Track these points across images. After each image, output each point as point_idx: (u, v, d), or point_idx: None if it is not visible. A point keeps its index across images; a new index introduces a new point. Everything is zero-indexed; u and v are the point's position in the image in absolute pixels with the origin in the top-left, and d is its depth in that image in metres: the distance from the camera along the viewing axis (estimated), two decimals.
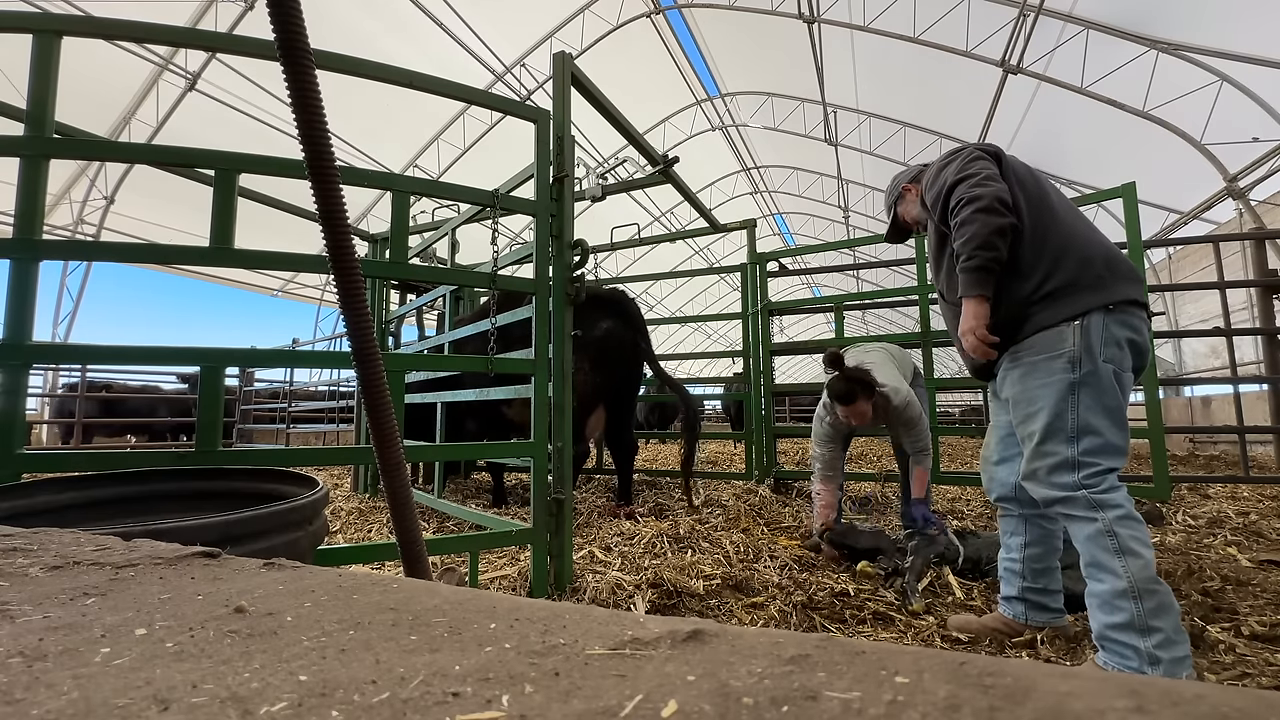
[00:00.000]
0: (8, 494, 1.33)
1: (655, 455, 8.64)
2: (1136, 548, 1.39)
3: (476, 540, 2.10)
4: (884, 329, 25.38)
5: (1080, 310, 1.50)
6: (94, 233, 9.66)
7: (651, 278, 6.13)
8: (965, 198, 1.55)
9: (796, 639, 0.44)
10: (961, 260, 1.56)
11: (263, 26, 0.91)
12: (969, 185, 1.56)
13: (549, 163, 2.31)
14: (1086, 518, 1.45)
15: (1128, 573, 1.37)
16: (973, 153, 1.67)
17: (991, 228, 1.50)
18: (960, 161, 1.65)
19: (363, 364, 0.94)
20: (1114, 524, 1.41)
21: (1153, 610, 1.34)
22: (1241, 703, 0.31)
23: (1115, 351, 1.49)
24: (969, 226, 1.53)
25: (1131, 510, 1.44)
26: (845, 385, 2.68)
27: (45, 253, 1.69)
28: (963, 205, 1.55)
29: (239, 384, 9.12)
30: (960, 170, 1.61)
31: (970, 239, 1.52)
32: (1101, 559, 1.42)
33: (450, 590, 0.59)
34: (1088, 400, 1.48)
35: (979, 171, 1.58)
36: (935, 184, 1.70)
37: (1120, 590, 1.38)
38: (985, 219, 1.51)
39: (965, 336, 1.57)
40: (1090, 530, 1.44)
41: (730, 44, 12.03)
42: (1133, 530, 1.41)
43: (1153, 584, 1.36)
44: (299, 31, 0.83)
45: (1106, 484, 1.45)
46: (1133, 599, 1.36)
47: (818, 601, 2.06)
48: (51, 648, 0.45)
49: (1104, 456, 1.47)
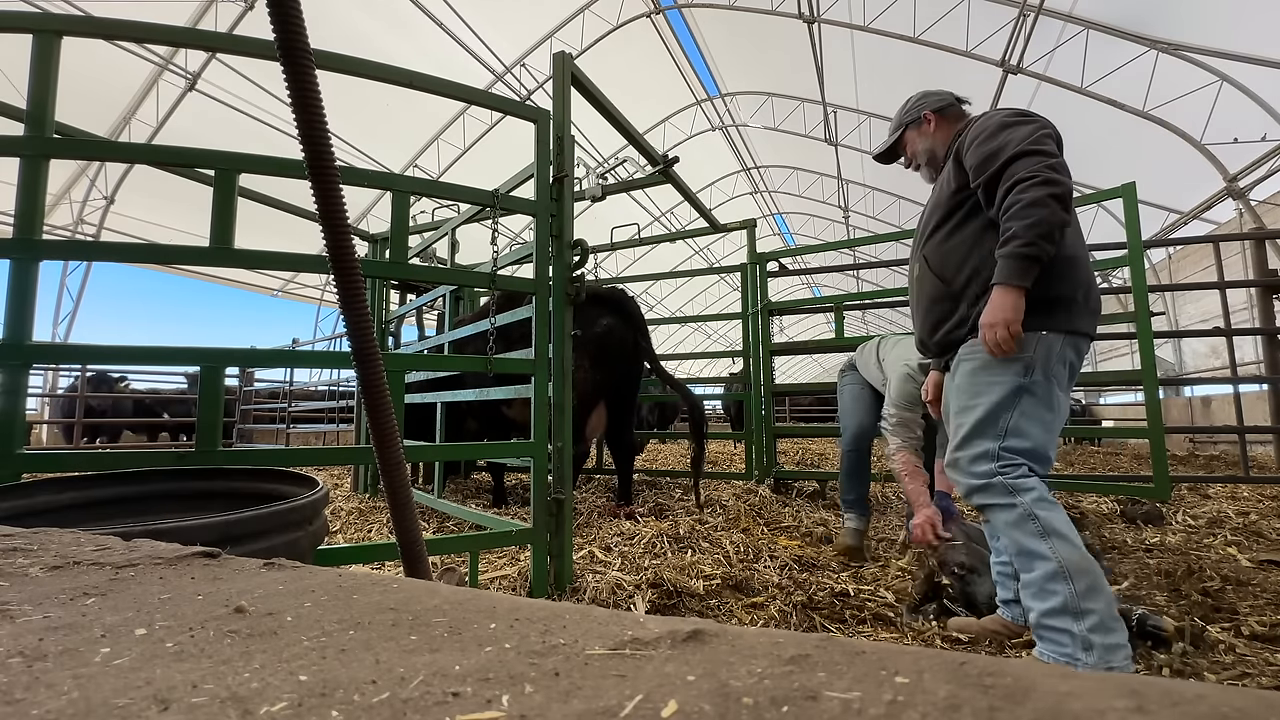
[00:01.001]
0: (8, 494, 1.33)
1: (655, 455, 8.64)
2: (1061, 529, 1.38)
3: (476, 540, 2.10)
4: (884, 329, 25.37)
5: (1055, 327, 1.48)
6: (94, 233, 9.66)
7: (651, 278, 6.13)
8: (1042, 176, 1.39)
9: (796, 639, 0.44)
10: (1017, 243, 1.39)
11: (263, 26, 0.91)
12: (1047, 163, 1.40)
13: (549, 163, 2.31)
14: (1005, 504, 1.45)
15: (1055, 554, 1.36)
16: (1048, 127, 1.49)
17: (1059, 221, 1.37)
18: (1034, 130, 1.46)
19: (363, 364, 0.94)
20: (1033, 506, 1.41)
21: (1085, 591, 1.33)
22: (1241, 703, 0.31)
23: (1060, 370, 1.50)
24: (1039, 210, 1.37)
25: (1046, 494, 1.43)
26: None
27: (45, 253, 1.69)
28: (1037, 184, 1.38)
29: (239, 384, 9.13)
30: (1034, 140, 1.43)
31: (1037, 224, 1.36)
32: (1028, 544, 1.41)
33: (450, 590, 0.59)
34: (1027, 407, 1.48)
35: (1055, 154, 1.42)
36: (993, 140, 1.50)
37: (1051, 572, 1.36)
38: (1056, 210, 1.37)
39: (993, 328, 1.43)
40: (1011, 516, 1.43)
41: (730, 44, 12.03)
42: (1052, 512, 1.40)
43: (1084, 563, 1.35)
44: (299, 31, 0.83)
45: (1021, 471, 1.46)
46: (1064, 580, 1.34)
47: (818, 601, 2.06)
48: (51, 648, 0.45)
49: (1025, 456, 1.47)
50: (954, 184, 1.63)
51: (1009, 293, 1.41)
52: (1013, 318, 1.41)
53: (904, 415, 2.62)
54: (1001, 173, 1.46)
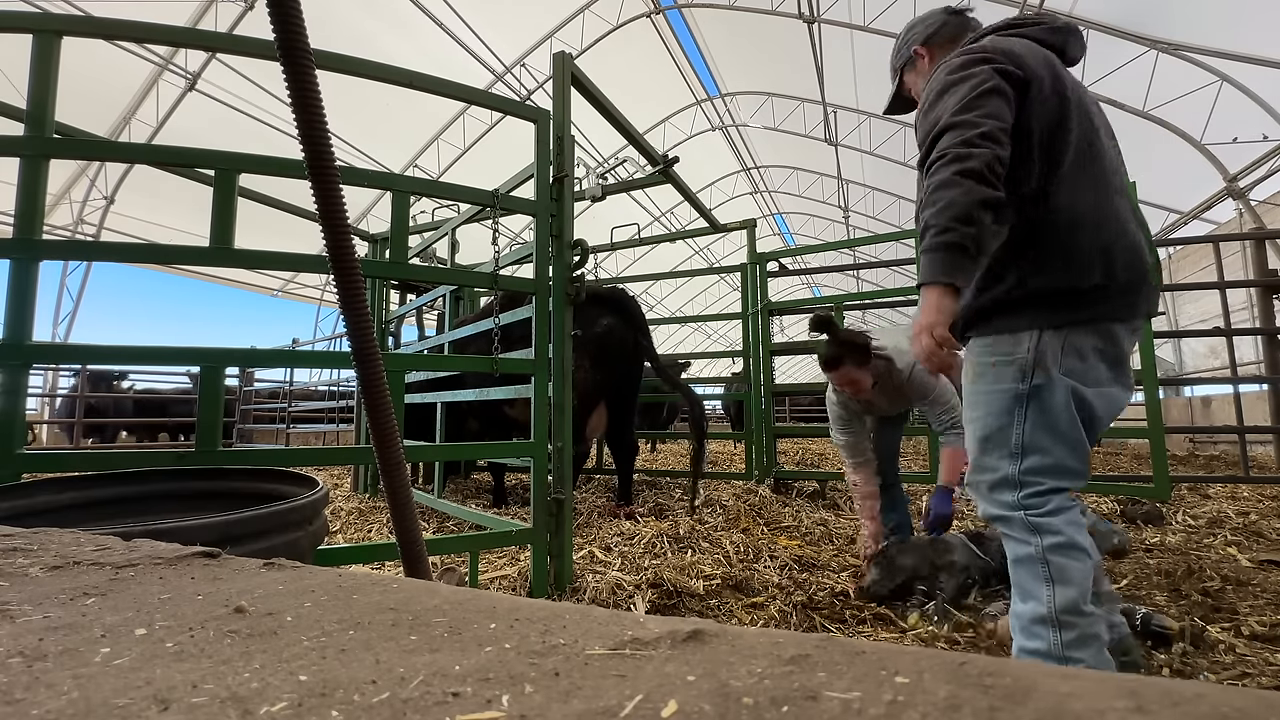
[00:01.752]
0: (8, 494, 1.33)
1: (655, 455, 8.64)
2: (1071, 578, 1.25)
3: (476, 540, 2.10)
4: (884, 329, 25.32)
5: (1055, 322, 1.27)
6: (94, 233, 9.66)
7: (651, 278, 6.13)
8: (950, 154, 1.19)
9: (796, 639, 0.44)
10: (930, 235, 1.19)
11: (263, 26, 0.91)
12: (961, 137, 1.19)
13: (549, 163, 2.31)
14: (1021, 539, 1.31)
15: (1051, 602, 1.25)
16: (987, 77, 1.24)
17: (977, 198, 1.15)
18: (968, 91, 1.23)
19: (363, 364, 0.94)
20: (1048, 553, 1.26)
21: (1071, 642, 1.23)
22: (1241, 703, 0.31)
23: (1076, 364, 1.27)
24: (945, 191, 1.17)
25: (1073, 538, 1.27)
26: (829, 348, 2.34)
27: (45, 253, 1.69)
28: (943, 163, 1.19)
29: (239, 384, 9.13)
30: (961, 108, 1.22)
31: (946, 206, 1.16)
32: (1027, 584, 1.30)
33: (450, 590, 0.59)
34: (1036, 416, 1.28)
35: (983, 119, 1.20)
36: (931, 111, 1.30)
37: (1040, 616, 1.26)
38: (970, 186, 1.16)
39: (917, 338, 1.23)
40: (1022, 553, 1.30)
41: (730, 44, 12.03)
42: (1068, 559, 1.26)
43: (1078, 615, 1.24)
44: (299, 31, 0.83)
45: (1050, 505, 1.28)
46: (1052, 628, 1.25)
47: (818, 601, 2.06)
48: (51, 648, 0.45)
49: (1050, 476, 1.29)
50: None
51: (930, 292, 1.20)
52: (934, 320, 1.18)
53: (840, 438, 2.57)
54: (927, 155, 1.27)
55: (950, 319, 1.18)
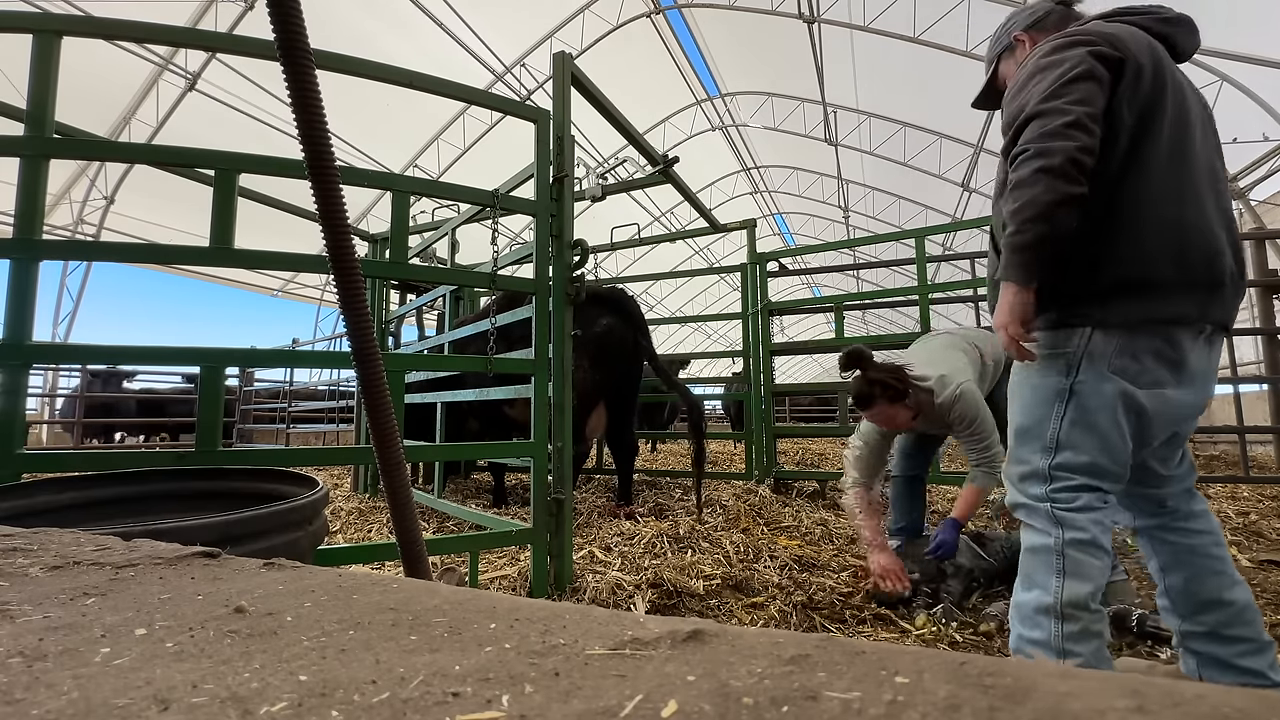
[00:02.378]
0: (8, 494, 1.33)
1: (655, 455, 8.64)
2: (1085, 573, 1.21)
3: (476, 540, 2.10)
4: (884, 329, 25.39)
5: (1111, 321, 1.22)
6: (94, 233, 9.67)
7: (651, 278, 6.13)
8: (1032, 149, 1.16)
9: (796, 639, 0.44)
10: (1008, 234, 1.19)
11: (263, 26, 0.91)
12: (1044, 128, 1.15)
13: (549, 163, 2.31)
14: (1041, 530, 1.27)
15: (1059, 593, 1.21)
16: (1080, 60, 1.18)
17: (1055, 197, 1.13)
18: (1059, 76, 1.18)
19: (363, 364, 0.94)
20: (1067, 546, 1.22)
21: (1073, 635, 1.20)
22: (1241, 703, 0.31)
23: (1128, 363, 1.22)
24: (1024, 190, 1.16)
25: (1097, 537, 1.22)
26: (860, 384, 2.23)
27: (45, 253, 1.69)
28: (1025, 159, 1.17)
29: (239, 384, 9.12)
30: (1049, 94, 1.17)
31: (1023, 206, 1.15)
32: (1037, 574, 1.26)
33: (450, 590, 0.59)
34: (1075, 414, 1.25)
35: (1072, 106, 1.14)
36: (1019, 97, 1.26)
37: (1044, 606, 1.22)
38: (1049, 183, 1.13)
39: (999, 332, 1.26)
40: (1039, 543, 1.27)
41: (730, 44, 12.03)
42: (1087, 555, 1.21)
43: (1080, 610, 1.20)
44: (299, 31, 0.83)
45: (1079, 502, 1.25)
46: (1054, 618, 1.21)
47: (818, 601, 2.06)
48: (51, 648, 0.45)
49: (1082, 473, 1.26)
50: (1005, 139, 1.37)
51: (1006, 291, 1.22)
52: (1009, 319, 1.21)
53: (863, 450, 2.37)
54: (1012, 144, 1.24)
55: (1026, 316, 1.21)
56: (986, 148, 11.45)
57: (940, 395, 2.18)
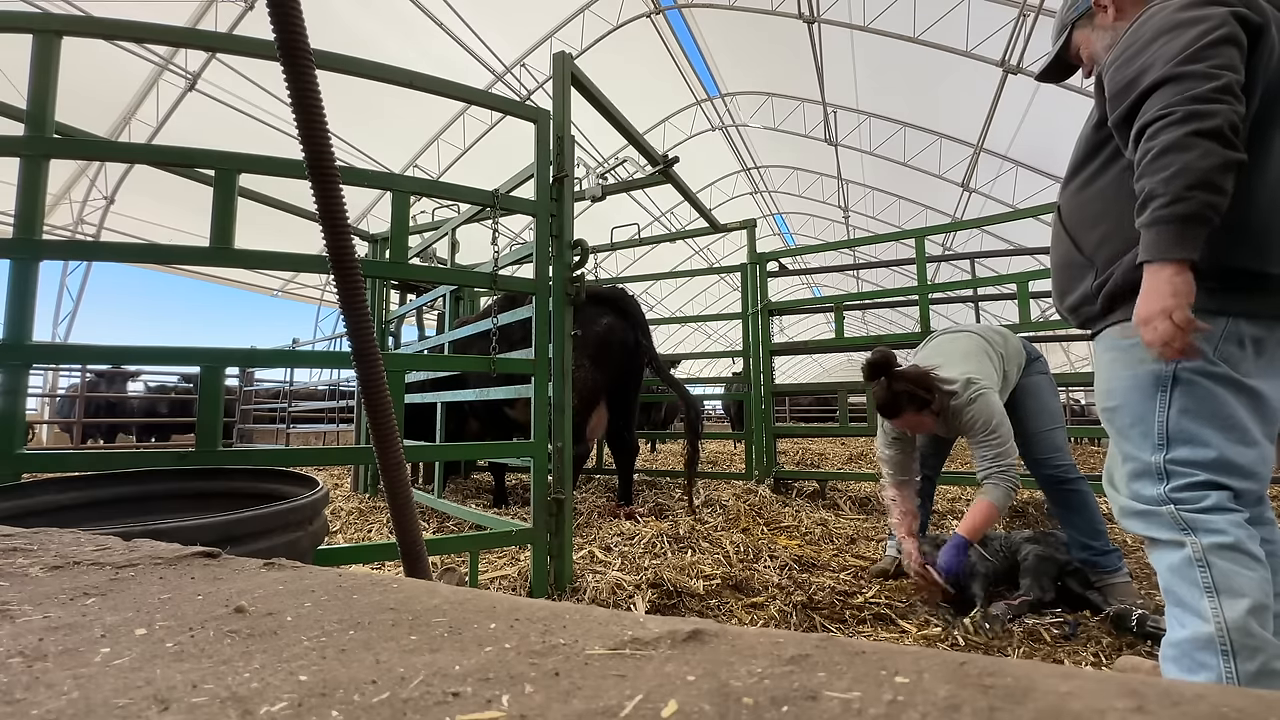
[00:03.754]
0: (8, 494, 1.33)
1: (655, 455, 8.64)
2: (1241, 587, 1.01)
3: (476, 540, 2.10)
4: (884, 329, 25.39)
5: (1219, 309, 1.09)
6: (94, 233, 9.67)
7: (651, 278, 6.13)
8: (1179, 113, 1.01)
9: (796, 639, 0.44)
10: (1157, 204, 1.02)
11: (263, 26, 0.91)
12: (1190, 91, 1.01)
13: (549, 163, 2.31)
14: (1169, 540, 1.09)
15: (1218, 617, 1.00)
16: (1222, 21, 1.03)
17: (1216, 162, 0.98)
18: (1197, 36, 1.03)
19: (363, 364, 0.94)
20: (1208, 552, 1.04)
21: (1254, 675, 0.98)
22: (1241, 703, 0.31)
23: (1234, 350, 1.09)
24: (1177, 155, 1.00)
25: (1242, 542, 1.03)
26: (887, 392, 2.15)
27: (45, 253, 1.69)
28: (1172, 123, 1.01)
29: (239, 384, 9.13)
30: (1188, 56, 1.02)
31: (1179, 173, 0.99)
32: (1184, 595, 1.06)
33: (450, 590, 0.59)
34: (1183, 402, 1.10)
35: (1218, 70, 1.01)
36: (1137, 59, 1.10)
37: (1204, 639, 1.01)
38: (1208, 147, 0.98)
39: (1149, 325, 1.04)
40: (1174, 559, 1.08)
41: (730, 44, 12.04)
42: (1236, 564, 1.02)
43: (1255, 637, 0.99)
44: (299, 31, 0.83)
45: (1209, 501, 1.07)
46: (1222, 656, 0.99)
47: (818, 601, 2.06)
48: (51, 648, 0.45)
49: (1207, 469, 1.08)
50: (1095, 114, 1.24)
51: (1160, 271, 1.02)
52: (1172, 304, 1.00)
53: (883, 451, 2.35)
54: (1133, 112, 1.08)
55: (1190, 299, 1.01)
56: (986, 148, 11.46)
57: (960, 396, 2.12)
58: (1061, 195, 1.36)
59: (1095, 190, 1.26)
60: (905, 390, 2.13)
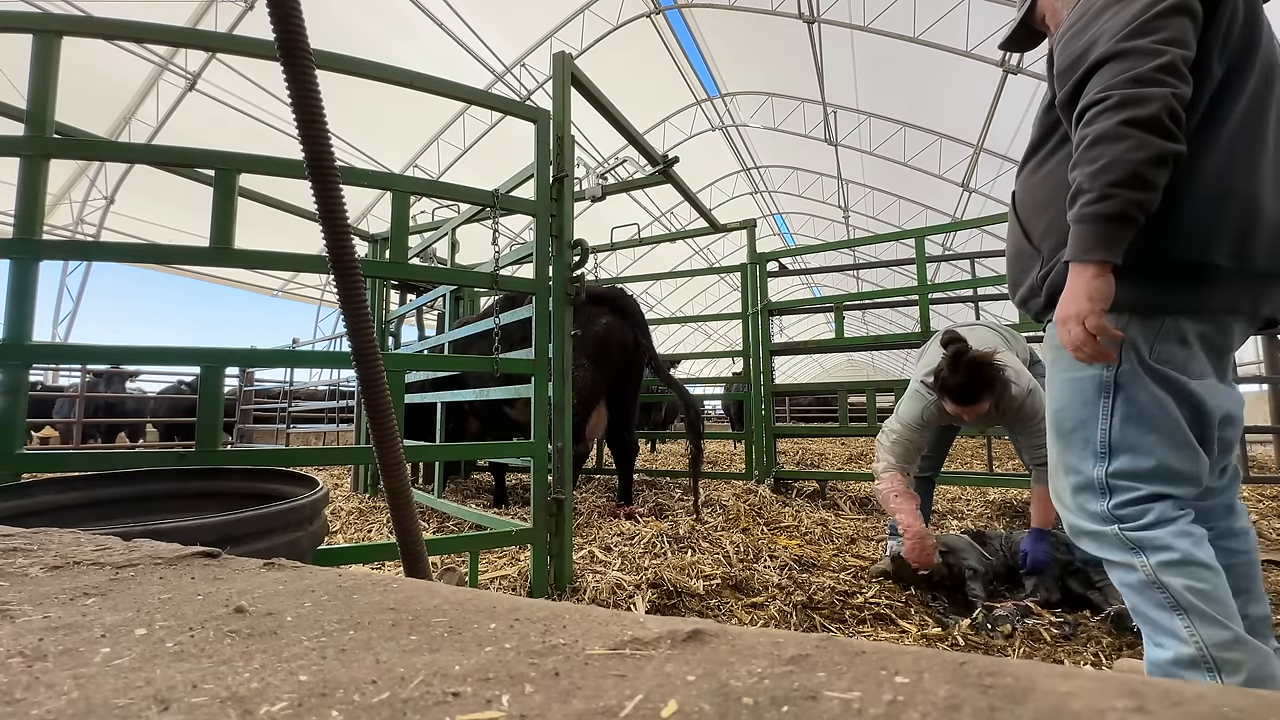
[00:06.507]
0: (8, 494, 1.33)
1: (655, 455, 8.64)
2: (1200, 604, 0.99)
3: (476, 540, 2.10)
4: (884, 329, 25.39)
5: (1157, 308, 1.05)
6: (94, 233, 9.68)
7: (651, 278, 6.13)
8: (1115, 97, 0.95)
9: (796, 639, 0.44)
10: (1084, 200, 0.98)
11: (263, 26, 0.91)
12: (1131, 73, 0.94)
13: (549, 163, 2.31)
14: (1122, 563, 1.08)
15: (1195, 637, 0.98)
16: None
17: (1149, 155, 0.93)
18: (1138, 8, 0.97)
19: (363, 364, 0.94)
20: (1159, 572, 1.02)
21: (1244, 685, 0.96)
22: (1241, 703, 0.31)
23: (1174, 350, 1.06)
24: (1108, 146, 0.95)
25: (1189, 552, 1.02)
26: (968, 378, 1.98)
27: (45, 253, 1.69)
28: (1107, 109, 0.95)
29: (239, 384, 9.12)
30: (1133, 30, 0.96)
31: (1107, 166, 0.94)
32: (1153, 616, 1.04)
33: (450, 590, 0.59)
34: (1125, 409, 1.07)
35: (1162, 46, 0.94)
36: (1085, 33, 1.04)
37: (1187, 659, 0.99)
38: (1140, 138, 0.93)
39: (1065, 326, 1.02)
40: (1130, 580, 1.07)
41: (730, 44, 12.04)
42: (1189, 579, 1.01)
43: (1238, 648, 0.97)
44: (299, 31, 0.83)
45: (1151, 516, 1.05)
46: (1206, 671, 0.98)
47: (818, 601, 2.06)
48: (51, 648, 0.45)
49: (1148, 480, 1.06)
50: (1048, 94, 1.17)
51: (1082, 272, 0.99)
52: (1088, 308, 0.98)
53: (905, 436, 2.25)
54: (1077, 92, 1.02)
55: (1107, 304, 0.98)
56: (986, 148, 11.46)
57: (1015, 386, 2.05)
58: (1016, 180, 1.29)
59: (1043, 175, 1.20)
60: (983, 376, 1.99)
